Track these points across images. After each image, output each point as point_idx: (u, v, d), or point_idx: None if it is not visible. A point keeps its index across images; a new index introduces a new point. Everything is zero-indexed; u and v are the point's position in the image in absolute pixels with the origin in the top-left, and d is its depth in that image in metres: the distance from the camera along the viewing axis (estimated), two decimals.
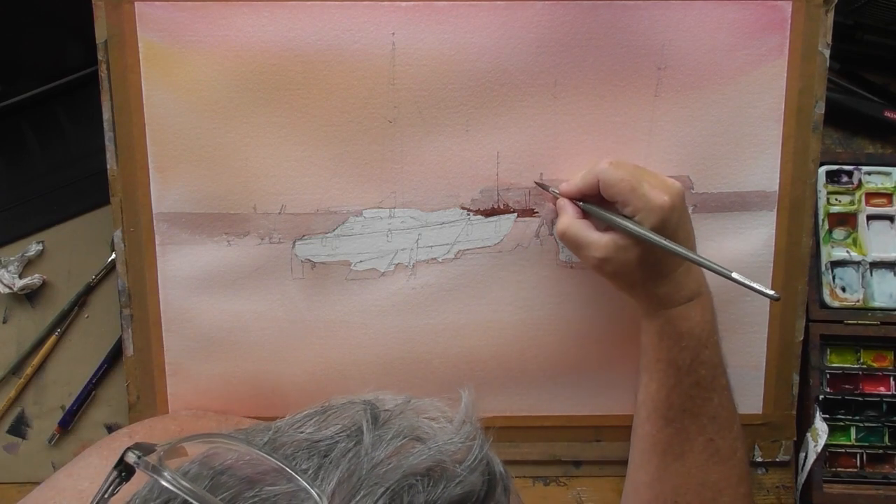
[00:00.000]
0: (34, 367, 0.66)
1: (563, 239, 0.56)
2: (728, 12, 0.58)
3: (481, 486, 0.30)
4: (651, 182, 0.53)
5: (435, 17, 0.58)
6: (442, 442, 0.31)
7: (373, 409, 0.31)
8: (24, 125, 0.68)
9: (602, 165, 0.54)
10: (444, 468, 0.30)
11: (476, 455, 0.31)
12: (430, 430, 0.31)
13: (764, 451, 0.64)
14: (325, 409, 0.32)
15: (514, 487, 0.33)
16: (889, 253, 0.65)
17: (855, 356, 0.65)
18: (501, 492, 0.31)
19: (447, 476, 0.29)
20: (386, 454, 0.29)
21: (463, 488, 0.29)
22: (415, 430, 0.31)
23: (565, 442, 0.64)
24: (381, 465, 0.29)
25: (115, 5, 0.57)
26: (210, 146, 0.59)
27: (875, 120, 0.66)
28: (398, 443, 0.30)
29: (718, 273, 0.51)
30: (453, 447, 0.31)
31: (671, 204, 0.52)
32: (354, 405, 0.32)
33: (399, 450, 0.30)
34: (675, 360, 0.55)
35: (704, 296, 0.55)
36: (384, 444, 0.30)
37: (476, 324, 0.62)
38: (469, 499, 0.29)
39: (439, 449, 0.30)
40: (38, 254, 0.66)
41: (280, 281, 0.61)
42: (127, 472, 0.28)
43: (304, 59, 0.58)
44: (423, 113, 0.59)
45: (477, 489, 0.30)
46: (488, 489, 0.30)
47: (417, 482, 0.28)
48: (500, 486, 0.31)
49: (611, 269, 0.54)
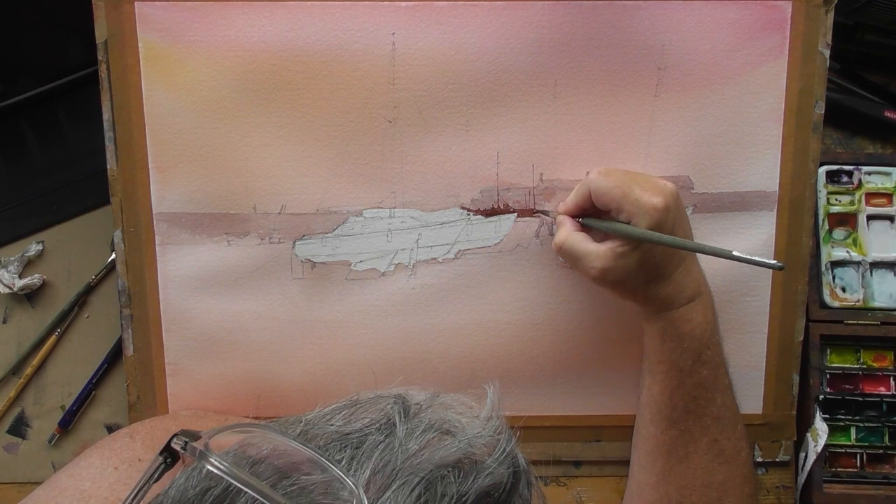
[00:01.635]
0: (34, 367, 0.66)
1: (561, 253, 0.56)
2: (728, 12, 0.58)
3: (507, 478, 0.31)
4: (643, 185, 0.53)
5: (435, 17, 0.58)
6: (471, 435, 0.32)
7: (403, 403, 0.33)
8: (24, 125, 0.68)
9: (592, 175, 0.54)
10: (474, 460, 0.31)
11: (503, 448, 0.32)
12: (459, 424, 0.32)
13: (764, 451, 0.64)
14: (353, 402, 0.33)
15: (536, 481, 0.34)
16: (889, 253, 0.65)
17: (855, 356, 0.65)
18: (525, 485, 0.32)
19: (477, 468, 0.30)
20: (418, 446, 0.30)
21: (491, 480, 0.30)
22: (444, 423, 0.32)
23: (565, 442, 0.64)
24: (414, 456, 0.30)
25: (115, 5, 0.57)
26: (210, 146, 0.59)
27: (875, 120, 0.66)
28: (429, 436, 0.31)
29: (718, 255, 0.50)
30: (482, 440, 0.32)
31: (664, 204, 0.52)
32: (384, 399, 0.33)
33: (430, 442, 0.31)
34: (677, 362, 0.55)
35: (705, 296, 0.55)
36: (416, 436, 0.31)
37: (476, 324, 0.62)
38: (496, 490, 0.30)
39: (469, 442, 0.31)
40: (38, 254, 0.66)
41: (280, 281, 0.61)
42: (172, 458, 0.29)
43: (304, 59, 0.58)
44: (423, 113, 0.59)
45: (503, 481, 0.31)
46: (514, 481, 0.32)
47: (449, 473, 0.29)
48: (524, 480, 0.32)
49: (612, 277, 0.53)
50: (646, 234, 0.52)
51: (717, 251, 0.50)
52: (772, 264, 0.49)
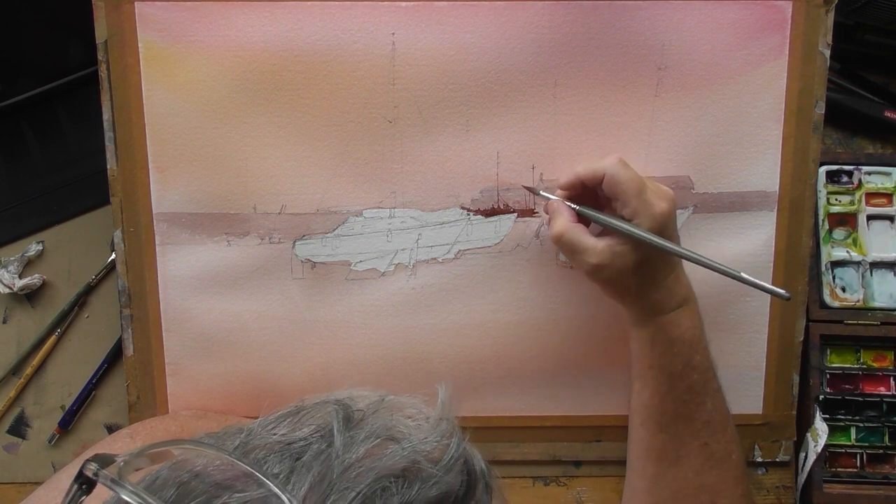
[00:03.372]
0: (34, 367, 0.66)
1: (559, 243, 0.55)
2: (728, 12, 0.58)
3: (460, 485, 0.30)
4: (651, 188, 0.53)
5: (435, 17, 0.58)
6: (417, 441, 0.30)
7: (345, 409, 0.31)
8: (24, 125, 0.68)
9: (611, 160, 0.53)
10: (420, 468, 0.29)
11: (452, 454, 0.30)
12: (404, 430, 0.31)
13: (764, 451, 0.64)
14: (298, 409, 0.31)
15: (497, 486, 0.32)
16: (889, 253, 0.65)
17: (855, 356, 0.65)
18: (483, 490, 0.31)
19: (422, 476, 0.29)
20: (357, 456, 0.28)
21: (439, 488, 0.29)
22: (389, 429, 0.30)
23: (565, 442, 0.64)
24: (352, 467, 0.28)
25: (115, 5, 0.57)
26: (210, 146, 0.59)
27: (875, 120, 0.66)
28: (371, 444, 0.29)
29: (728, 274, 0.50)
30: (429, 446, 0.30)
31: (669, 211, 0.52)
32: (327, 405, 0.31)
33: (372, 451, 0.29)
34: (667, 367, 0.55)
35: (692, 301, 0.55)
36: (356, 445, 0.29)
37: (476, 324, 0.62)
38: (447, 499, 0.29)
39: (414, 448, 0.29)
40: (38, 254, 0.66)
41: (280, 281, 0.61)
42: (87, 485, 0.27)
43: (304, 59, 0.58)
44: (423, 113, 0.59)
45: (455, 488, 0.29)
46: (468, 488, 0.30)
47: (392, 484, 0.28)
48: (482, 485, 0.31)
49: (605, 275, 0.53)
50: (653, 238, 0.51)
51: (726, 270, 0.50)
52: (779, 293, 0.49)
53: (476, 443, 0.68)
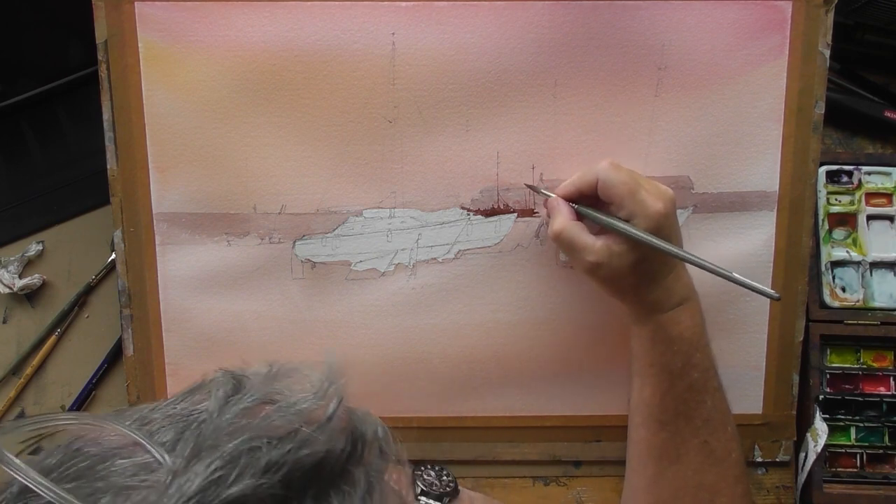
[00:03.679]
0: (34, 367, 0.66)
1: (558, 241, 0.55)
2: (728, 12, 0.58)
3: (343, 448, 0.30)
4: (647, 188, 0.53)
5: (435, 17, 0.58)
6: (293, 403, 0.30)
7: (234, 378, 0.31)
8: (24, 125, 0.68)
9: (603, 165, 0.54)
10: (296, 430, 0.29)
11: (330, 415, 0.30)
12: (285, 393, 0.31)
13: (764, 451, 0.64)
14: (199, 384, 0.32)
15: (403, 457, 0.32)
16: (889, 253, 0.65)
17: (855, 356, 0.65)
18: (376, 455, 0.31)
19: (297, 438, 0.28)
20: (230, 418, 0.29)
21: (314, 449, 0.29)
22: (268, 394, 0.30)
23: (565, 442, 0.64)
24: (224, 429, 0.28)
25: (115, 5, 0.57)
26: (210, 146, 0.59)
27: (875, 120, 0.66)
28: (245, 405, 0.29)
29: (718, 274, 0.51)
30: (307, 406, 0.30)
31: (665, 211, 0.52)
32: (220, 376, 0.32)
33: (248, 413, 0.29)
34: (667, 365, 0.55)
35: (693, 300, 0.55)
36: (231, 408, 0.29)
37: (476, 324, 0.62)
38: (327, 460, 0.29)
39: (291, 411, 0.30)
40: (38, 254, 0.66)
41: (280, 281, 0.61)
42: None
43: (304, 59, 0.58)
44: (423, 113, 0.59)
45: (336, 451, 0.29)
46: (352, 451, 0.30)
47: (263, 445, 0.28)
48: (373, 450, 0.31)
49: (603, 273, 0.54)
50: (646, 238, 0.51)
51: (717, 270, 0.50)
52: (769, 293, 0.49)
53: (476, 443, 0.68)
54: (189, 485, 0.26)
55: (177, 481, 0.26)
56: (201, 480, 0.26)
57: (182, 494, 0.25)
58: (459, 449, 0.64)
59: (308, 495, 0.28)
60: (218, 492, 0.26)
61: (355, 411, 0.32)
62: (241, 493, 0.26)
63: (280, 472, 0.27)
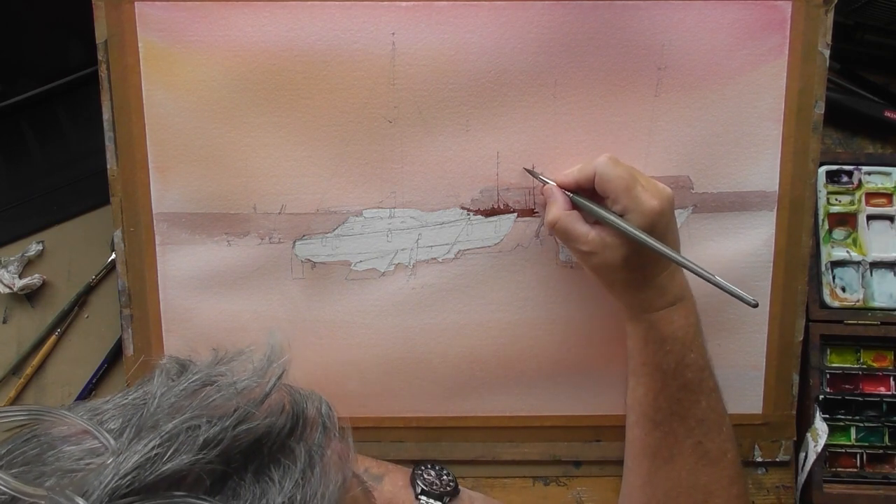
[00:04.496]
0: (34, 367, 0.66)
1: (553, 229, 0.56)
2: (728, 12, 0.58)
3: (284, 423, 0.30)
4: (644, 185, 0.53)
5: (435, 17, 0.58)
6: (233, 382, 0.31)
7: (178, 363, 0.33)
8: (24, 125, 0.68)
9: (601, 159, 0.54)
10: (235, 408, 0.30)
11: (268, 391, 0.31)
12: (227, 375, 0.32)
13: (764, 451, 0.64)
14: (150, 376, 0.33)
15: (347, 437, 0.33)
16: (889, 253, 0.65)
17: (855, 356, 0.65)
18: (319, 432, 0.32)
19: (235, 416, 0.29)
20: (172, 400, 0.30)
21: (251, 424, 0.29)
22: (210, 375, 0.31)
23: (565, 442, 0.64)
24: (164, 410, 0.29)
25: (115, 5, 0.57)
26: (210, 146, 0.59)
27: (875, 120, 0.66)
28: (186, 386, 0.31)
29: (700, 276, 0.51)
30: (246, 385, 0.31)
31: (661, 209, 0.52)
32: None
33: (189, 395, 0.30)
34: (660, 364, 0.55)
35: (688, 300, 0.56)
36: (173, 390, 0.30)
37: (476, 324, 0.62)
38: (267, 436, 0.30)
39: (230, 390, 0.30)
40: (38, 254, 0.66)
41: (280, 281, 0.61)
42: None
43: (304, 59, 0.58)
44: (423, 113, 0.59)
45: (277, 427, 0.30)
46: (293, 427, 0.31)
47: (203, 423, 0.28)
48: (315, 426, 0.32)
49: (596, 262, 0.54)
50: (635, 233, 0.52)
51: (699, 271, 0.51)
52: (747, 299, 0.49)
53: (476, 443, 0.68)
54: (126, 463, 0.26)
55: (115, 460, 0.27)
56: (138, 458, 0.27)
57: (118, 472, 0.26)
58: (459, 449, 0.64)
59: (248, 470, 0.29)
60: (154, 468, 0.27)
61: (298, 390, 0.33)
62: (177, 467, 0.27)
63: (218, 448, 0.28)
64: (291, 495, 0.28)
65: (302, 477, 0.29)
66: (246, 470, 0.29)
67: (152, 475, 0.26)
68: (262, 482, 0.28)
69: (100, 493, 0.25)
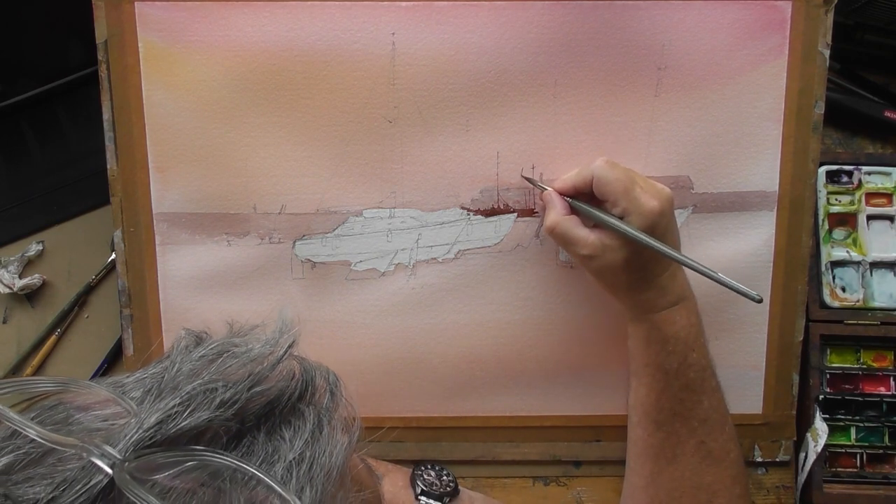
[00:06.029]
0: (34, 367, 0.66)
1: (552, 234, 0.56)
2: (728, 12, 0.58)
3: (294, 388, 0.32)
4: (643, 186, 0.53)
5: (435, 17, 0.58)
6: (247, 350, 0.33)
7: (195, 336, 0.35)
8: (24, 125, 0.68)
9: (598, 163, 0.54)
10: (248, 373, 0.31)
11: (279, 357, 0.33)
12: (240, 345, 0.34)
13: (764, 451, 0.64)
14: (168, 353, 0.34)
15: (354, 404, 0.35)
16: (889, 253, 0.65)
17: (855, 356, 0.65)
18: (327, 398, 0.34)
19: (249, 379, 0.31)
20: (191, 366, 0.32)
21: (264, 387, 0.31)
22: (227, 346, 0.33)
23: (565, 442, 0.64)
24: (184, 374, 0.31)
25: (115, 5, 0.57)
26: (210, 146, 0.59)
27: (875, 120, 0.66)
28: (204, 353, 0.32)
29: (703, 273, 0.51)
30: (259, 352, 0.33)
31: (660, 209, 0.52)
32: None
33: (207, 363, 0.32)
34: (662, 364, 0.55)
35: (689, 300, 0.55)
36: (191, 358, 0.32)
37: (476, 324, 0.62)
38: (279, 399, 0.31)
39: (245, 357, 0.33)
40: (38, 254, 0.66)
41: (280, 281, 0.61)
42: None
43: (304, 59, 0.58)
44: (423, 113, 0.59)
45: (288, 391, 0.32)
46: (303, 392, 0.33)
47: (219, 387, 0.30)
48: (324, 392, 0.34)
49: (596, 266, 0.54)
50: (633, 233, 0.52)
51: (702, 269, 0.51)
52: (752, 294, 0.49)
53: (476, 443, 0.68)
54: (149, 418, 0.28)
55: (139, 417, 0.28)
56: (160, 415, 0.28)
57: (142, 426, 0.28)
58: (459, 449, 0.64)
59: (261, 429, 0.30)
60: (175, 423, 0.28)
61: (307, 360, 0.35)
62: (196, 423, 0.29)
63: (233, 408, 0.30)
64: (301, 452, 0.30)
65: (311, 436, 0.31)
66: (259, 429, 0.30)
67: (173, 429, 0.28)
68: (274, 440, 0.30)
69: (125, 444, 0.27)
